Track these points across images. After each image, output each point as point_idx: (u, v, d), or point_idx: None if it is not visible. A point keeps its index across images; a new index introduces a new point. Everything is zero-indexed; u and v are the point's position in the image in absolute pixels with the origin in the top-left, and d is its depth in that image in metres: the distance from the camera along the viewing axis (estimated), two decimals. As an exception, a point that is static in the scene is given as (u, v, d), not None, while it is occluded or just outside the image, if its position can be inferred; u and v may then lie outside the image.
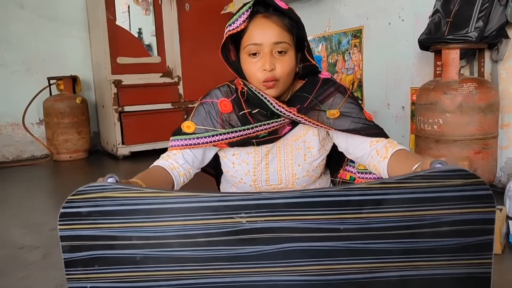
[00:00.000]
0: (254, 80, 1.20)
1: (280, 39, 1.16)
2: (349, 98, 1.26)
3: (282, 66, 1.17)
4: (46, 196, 2.98)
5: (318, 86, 1.27)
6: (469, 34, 2.13)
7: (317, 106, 1.24)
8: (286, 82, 1.21)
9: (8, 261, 1.71)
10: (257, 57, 1.17)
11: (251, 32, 1.17)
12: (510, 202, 1.89)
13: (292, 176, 1.31)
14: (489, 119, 2.14)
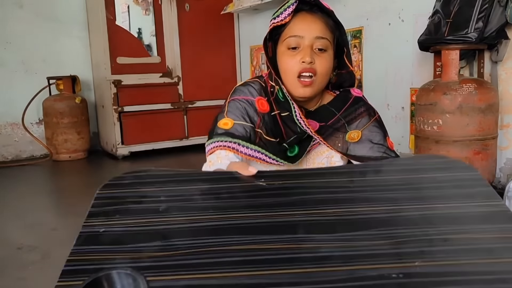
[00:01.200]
0: (290, 75, 1.16)
1: (322, 34, 1.13)
2: (375, 122, 1.23)
3: (322, 62, 1.14)
4: (46, 196, 2.97)
5: (348, 104, 1.23)
6: (468, 35, 2.13)
7: (342, 126, 1.20)
8: (323, 82, 1.17)
9: (6, 262, 1.71)
10: (297, 50, 1.14)
11: (294, 25, 1.15)
12: (509, 202, 1.89)
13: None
14: (489, 119, 2.14)
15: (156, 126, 4.11)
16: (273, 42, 1.20)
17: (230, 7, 4.18)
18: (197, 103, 4.27)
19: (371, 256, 0.69)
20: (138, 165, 3.75)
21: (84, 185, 3.21)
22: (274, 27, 1.16)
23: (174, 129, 4.21)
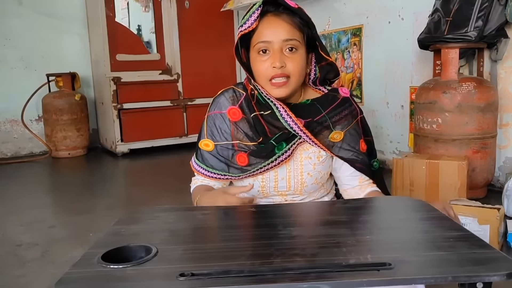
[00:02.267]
0: (262, 79, 1.18)
1: (290, 36, 1.14)
2: (355, 124, 1.26)
3: (293, 63, 1.15)
4: (45, 193, 2.98)
5: (335, 104, 1.24)
6: (468, 34, 2.13)
7: (328, 125, 1.22)
8: (297, 81, 1.19)
9: (6, 259, 1.71)
10: (267, 55, 1.15)
11: (261, 30, 1.15)
12: (508, 201, 1.90)
13: (300, 184, 1.28)
14: (488, 118, 2.14)
15: (155, 124, 4.11)
16: (246, 47, 1.21)
17: (230, 4, 4.18)
18: (197, 101, 4.27)
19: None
20: (138, 163, 3.76)
21: (83, 182, 3.22)
22: (243, 34, 1.17)
23: (173, 127, 4.21)
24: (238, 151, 1.24)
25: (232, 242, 0.90)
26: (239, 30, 1.18)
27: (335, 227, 0.94)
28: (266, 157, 1.23)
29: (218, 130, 1.26)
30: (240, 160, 1.24)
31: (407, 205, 1.10)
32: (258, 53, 1.16)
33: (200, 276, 0.71)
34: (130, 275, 0.74)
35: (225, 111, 1.25)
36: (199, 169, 1.31)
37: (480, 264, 0.71)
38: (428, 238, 0.87)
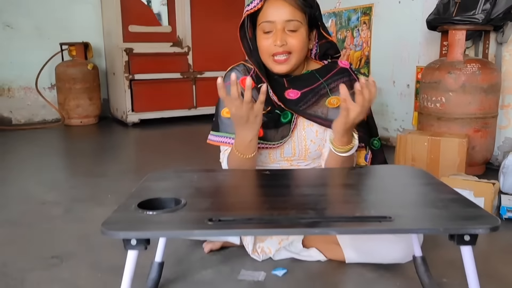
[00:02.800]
0: (266, 55, 1.30)
1: (291, 17, 1.25)
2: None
3: (294, 41, 1.27)
4: (61, 158, 3.11)
5: (333, 73, 1.35)
6: (476, 16, 2.20)
7: (325, 92, 1.33)
8: (299, 57, 1.30)
9: (33, 215, 1.84)
10: (270, 34, 1.27)
11: (265, 11, 1.27)
12: (504, 178, 2.00)
13: (305, 151, 1.40)
14: (490, 99, 2.23)
15: (165, 95, 4.20)
16: (253, 24, 1.33)
17: (242, -21, 4.20)
18: (206, 74, 4.34)
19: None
20: (148, 132, 3.87)
21: (97, 149, 3.34)
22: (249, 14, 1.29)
23: (183, 99, 4.30)
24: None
25: (252, 197, 1.02)
26: (246, 9, 1.29)
27: (343, 188, 1.06)
28: (274, 126, 1.34)
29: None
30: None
31: (408, 172, 1.21)
32: (262, 31, 1.28)
33: (227, 222, 0.82)
34: (164, 220, 0.85)
35: (238, 80, 1.35)
36: (218, 139, 1.40)
37: (469, 220, 0.82)
38: (425, 199, 0.98)
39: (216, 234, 0.88)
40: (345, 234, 0.98)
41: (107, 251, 1.48)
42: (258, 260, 1.39)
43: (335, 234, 1.04)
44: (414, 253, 1.22)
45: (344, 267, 1.35)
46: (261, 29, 1.29)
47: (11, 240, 1.59)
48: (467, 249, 0.84)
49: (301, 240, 1.39)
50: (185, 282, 1.28)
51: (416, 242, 1.22)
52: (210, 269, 1.35)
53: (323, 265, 1.37)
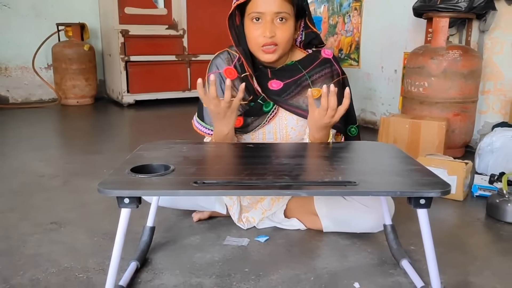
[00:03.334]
0: (254, 45, 1.36)
1: (280, 9, 1.32)
2: (336, 83, 1.42)
3: (282, 33, 1.34)
4: (58, 135, 3.20)
5: (316, 64, 1.44)
6: (459, 4, 2.29)
7: (307, 84, 1.42)
8: (285, 48, 1.39)
9: (33, 186, 1.94)
10: (260, 23, 1.33)
11: (255, 1, 1.32)
12: (479, 159, 2.12)
13: (286, 136, 1.50)
14: (470, 85, 2.33)
15: (160, 77, 4.28)
16: (240, 12, 1.39)
17: (237, -37, 4.24)
18: (201, 57, 4.42)
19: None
20: (143, 113, 3.95)
21: (93, 128, 3.44)
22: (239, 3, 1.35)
23: (177, 81, 4.38)
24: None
25: (234, 165, 1.12)
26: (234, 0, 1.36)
27: (317, 159, 1.16)
28: (257, 115, 1.43)
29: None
30: (235, 122, 1.39)
31: (380, 147, 1.32)
32: (251, 21, 1.35)
33: (209, 184, 0.93)
34: (155, 182, 0.96)
35: (221, 70, 1.44)
36: (201, 128, 1.50)
37: (424, 185, 0.93)
38: (391, 169, 1.09)
39: (198, 194, 0.98)
40: (313, 195, 1.10)
41: (102, 219, 1.59)
42: (243, 229, 1.50)
43: (305, 195, 1.15)
44: (385, 222, 1.33)
45: (321, 235, 1.46)
46: (250, 18, 1.34)
47: (12, 207, 1.69)
48: (423, 212, 0.95)
49: (283, 210, 1.50)
50: (174, 246, 1.39)
51: (386, 212, 1.33)
52: (198, 235, 1.46)
53: (302, 233, 1.49)
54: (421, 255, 1.31)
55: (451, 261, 1.29)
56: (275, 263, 1.28)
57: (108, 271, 1.03)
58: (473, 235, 1.54)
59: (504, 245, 1.45)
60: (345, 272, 1.24)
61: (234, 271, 1.23)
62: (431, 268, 0.97)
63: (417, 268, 1.22)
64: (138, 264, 1.23)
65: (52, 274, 1.21)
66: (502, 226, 1.57)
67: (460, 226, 1.62)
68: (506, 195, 1.60)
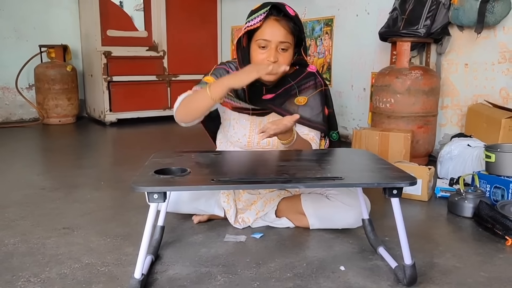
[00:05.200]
0: None
1: (284, 39, 1.56)
2: (319, 92, 1.70)
3: (283, 59, 1.58)
4: (49, 153, 3.30)
5: (302, 77, 1.69)
6: (419, 30, 2.60)
7: (294, 93, 1.66)
8: (284, 72, 1.62)
9: (37, 197, 2.07)
10: (265, 49, 1.57)
11: (264, 30, 1.56)
12: (440, 165, 2.40)
13: (278, 142, 1.72)
14: (431, 100, 2.63)
15: (142, 96, 4.45)
16: (248, 36, 1.62)
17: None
18: (180, 77, 4.62)
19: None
20: (126, 131, 4.10)
21: (81, 145, 3.57)
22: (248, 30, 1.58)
23: (158, 100, 4.56)
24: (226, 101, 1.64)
25: (241, 167, 1.33)
26: (246, 25, 1.59)
27: (309, 162, 1.39)
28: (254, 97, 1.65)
29: (222, 75, 1.64)
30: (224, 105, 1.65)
31: (358, 152, 1.57)
32: (258, 46, 1.58)
33: (225, 181, 1.13)
34: (178, 181, 1.16)
35: (232, 71, 1.67)
36: (194, 88, 1.64)
37: (395, 178, 1.17)
38: (367, 167, 1.33)
39: (217, 189, 1.19)
40: (309, 188, 1.31)
41: (110, 223, 1.75)
42: (239, 228, 1.70)
43: (303, 188, 1.38)
44: (363, 217, 1.56)
45: (308, 231, 1.68)
46: (258, 44, 1.57)
47: (23, 216, 1.83)
48: (395, 201, 1.18)
49: (274, 211, 1.71)
50: (181, 243, 1.57)
51: (364, 208, 1.56)
52: (200, 234, 1.65)
53: (292, 230, 1.70)
54: (394, 244, 1.55)
55: (419, 248, 1.53)
56: (271, 254, 1.49)
57: (126, 265, 1.20)
58: (437, 227, 1.79)
59: (462, 234, 1.70)
60: (332, 259, 1.45)
61: (237, 261, 1.43)
62: (404, 246, 1.21)
63: (392, 254, 1.44)
64: (153, 257, 1.41)
65: (76, 269, 1.37)
66: (461, 220, 1.83)
67: (426, 221, 1.88)
68: (463, 193, 1.87)
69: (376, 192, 2.07)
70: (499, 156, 1.91)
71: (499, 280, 1.32)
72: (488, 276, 1.34)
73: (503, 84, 2.57)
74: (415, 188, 2.07)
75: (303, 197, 1.69)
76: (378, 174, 1.22)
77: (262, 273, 1.35)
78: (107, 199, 2.09)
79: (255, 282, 1.29)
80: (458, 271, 1.38)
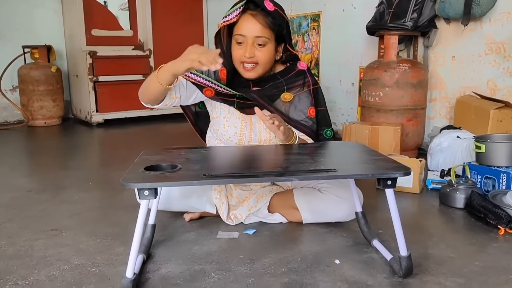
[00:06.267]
0: (237, 62, 1.59)
1: (260, 34, 1.54)
2: (307, 92, 1.68)
3: (261, 54, 1.56)
4: (35, 155, 3.23)
5: (292, 74, 1.67)
6: (406, 23, 2.60)
7: (282, 88, 1.64)
8: (265, 67, 1.61)
9: (23, 200, 2.02)
10: (242, 45, 1.55)
11: (239, 25, 1.55)
12: (431, 158, 2.40)
13: (269, 140, 1.71)
14: (419, 93, 2.63)
15: (128, 96, 4.36)
16: (229, 32, 1.60)
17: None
18: (167, 76, 4.56)
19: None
20: (113, 131, 4.05)
21: (67, 146, 3.50)
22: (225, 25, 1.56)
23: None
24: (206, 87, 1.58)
25: (233, 162, 1.31)
26: (223, 20, 1.58)
27: (302, 155, 1.37)
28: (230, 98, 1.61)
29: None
30: (206, 93, 1.60)
31: (351, 145, 1.56)
32: (236, 41, 1.57)
33: (217, 176, 1.11)
34: (169, 177, 1.13)
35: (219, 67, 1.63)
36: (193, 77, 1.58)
37: (390, 169, 1.16)
38: (361, 159, 1.32)
39: (209, 183, 1.17)
40: (303, 180, 1.30)
41: (98, 224, 1.72)
42: (232, 225, 1.68)
43: (297, 180, 1.36)
44: (356, 209, 1.55)
45: (301, 226, 1.67)
46: (235, 39, 1.56)
47: (9, 219, 1.78)
48: (390, 191, 1.17)
49: (266, 207, 1.69)
50: (172, 241, 1.55)
51: (357, 201, 1.54)
52: (192, 232, 1.62)
53: (285, 225, 1.68)
54: (388, 236, 1.55)
55: (413, 239, 1.52)
56: (265, 250, 1.47)
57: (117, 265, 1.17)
58: (429, 219, 1.79)
59: (455, 225, 1.71)
60: (326, 253, 1.44)
61: (231, 258, 1.41)
62: (399, 237, 1.20)
63: (386, 246, 1.43)
64: (144, 256, 1.38)
65: (66, 271, 1.34)
66: (453, 211, 1.83)
67: (419, 213, 1.88)
68: (455, 184, 1.87)
69: (368, 186, 2.09)
70: (490, 146, 1.92)
71: (494, 269, 1.32)
72: (483, 265, 1.34)
73: (491, 75, 2.58)
74: (407, 181, 2.07)
75: (296, 191, 1.67)
76: (371, 165, 1.21)
77: (257, 269, 1.33)
78: (95, 199, 2.06)
79: (250, 278, 1.27)
80: (453, 261, 1.38)
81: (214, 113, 1.73)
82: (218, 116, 1.71)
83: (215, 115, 1.72)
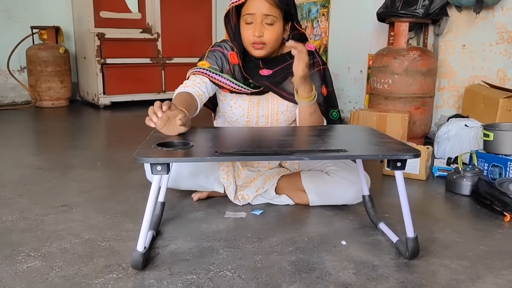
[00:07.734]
0: (246, 42, 1.59)
1: (269, 12, 1.54)
2: (318, 71, 1.68)
3: (269, 34, 1.56)
4: (44, 135, 3.25)
5: None
6: (417, 11, 2.58)
7: (291, 70, 1.59)
8: (273, 46, 1.61)
9: (33, 177, 2.05)
10: (251, 23, 1.56)
11: (248, 4, 1.56)
12: (437, 146, 2.41)
13: (276, 121, 1.72)
14: (428, 81, 2.63)
15: (136, 79, 4.40)
16: (238, 14, 1.61)
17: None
18: (175, 59, 4.57)
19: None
20: (120, 114, 4.06)
21: (75, 127, 3.53)
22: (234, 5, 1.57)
23: (152, 83, 4.52)
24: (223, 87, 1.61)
25: (244, 141, 1.32)
26: (231, 1, 1.58)
27: (309, 137, 1.38)
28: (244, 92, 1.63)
29: (216, 60, 1.64)
30: (223, 90, 1.63)
31: (360, 128, 1.56)
32: (245, 21, 1.57)
33: (228, 153, 1.12)
34: (181, 152, 1.14)
35: (227, 52, 1.66)
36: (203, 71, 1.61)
37: (400, 151, 1.17)
38: (371, 141, 1.33)
39: (221, 160, 1.19)
40: (314, 159, 1.32)
41: (108, 201, 1.74)
42: (239, 205, 1.69)
43: (307, 159, 1.37)
44: (363, 193, 1.56)
45: (308, 208, 1.68)
46: (244, 19, 1.57)
47: (20, 195, 1.81)
48: (399, 173, 1.18)
49: (274, 188, 1.71)
50: (181, 219, 1.57)
51: (364, 184, 1.56)
52: (200, 211, 1.64)
53: (292, 207, 1.70)
54: (394, 220, 1.56)
55: (419, 224, 1.53)
56: (272, 230, 1.49)
57: (127, 240, 1.18)
58: (435, 205, 1.80)
59: (461, 211, 1.72)
60: (333, 234, 1.46)
61: (239, 236, 1.43)
62: (406, 218, 1.21)
63: (392, 229, 1.45)
64: (154, 233, 1.40)
65: (77, 244, 1.36)
66: (459, 198, 1.84)
67: (425, 199, 1.89)
68: (462, 172, 1.88)
69: (374, 170, 2.10)
70: (498, 134, 1.92)
71: (499, 253, 1.33)
72: (488, 250, 1.35)
73: (501, 65, 2.57)
74: (413, 167, 2.08)
75: (303, 173, 1.69)
76: (382, 147, 1.22)
77: (264, 247, 1.35)
78: (104, 178, 2.08)
79: (257, 256, 1.29)
80: (458, 245, 1.39)
81: (221, 96, 1.73)
82: (225, 99, 1.72)
83: (223, 98, 1.73)
